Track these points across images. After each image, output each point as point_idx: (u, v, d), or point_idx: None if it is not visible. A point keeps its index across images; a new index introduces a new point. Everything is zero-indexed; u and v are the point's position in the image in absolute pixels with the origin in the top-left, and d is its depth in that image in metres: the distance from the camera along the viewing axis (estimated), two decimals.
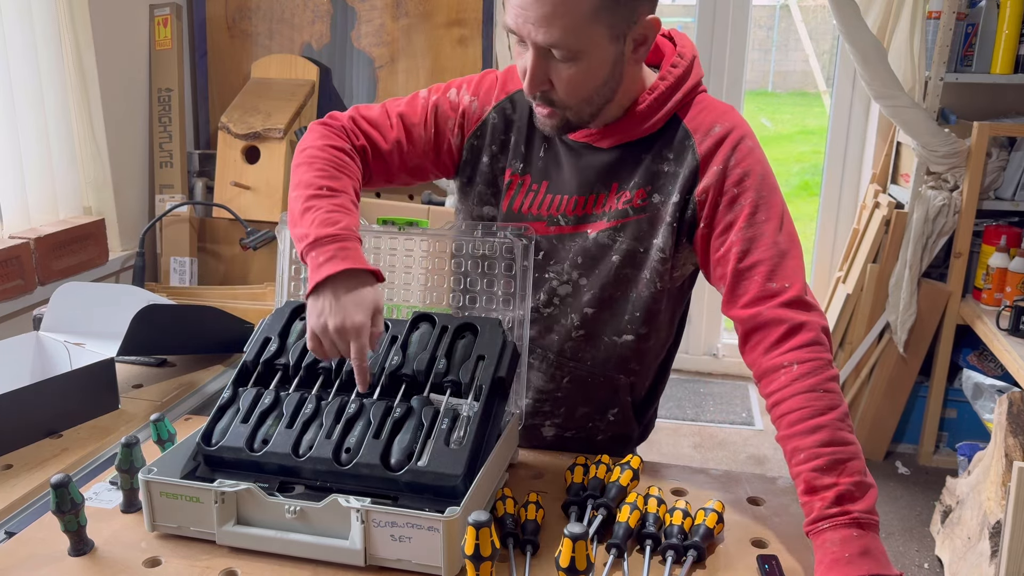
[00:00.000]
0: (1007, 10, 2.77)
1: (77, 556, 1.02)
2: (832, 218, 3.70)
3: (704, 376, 3.94)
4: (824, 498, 0.97)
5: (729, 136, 1.16)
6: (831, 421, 1.01)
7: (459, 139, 1.29)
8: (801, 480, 1.00)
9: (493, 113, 1.27)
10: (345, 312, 1.06)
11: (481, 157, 1.28)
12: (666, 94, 1.17)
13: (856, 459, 0.99)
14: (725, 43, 3.60)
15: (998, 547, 2.00)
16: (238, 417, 1.12)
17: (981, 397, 2.79)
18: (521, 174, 1.26)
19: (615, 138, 1.20)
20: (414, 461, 1.03)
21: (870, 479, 1.00)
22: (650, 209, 1.19)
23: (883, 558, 0.95)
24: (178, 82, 2.97)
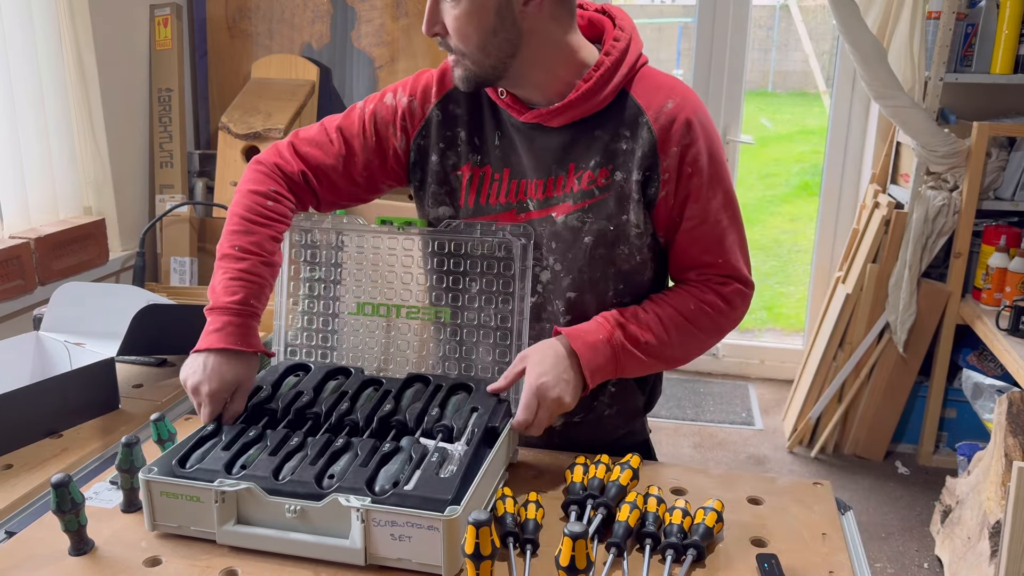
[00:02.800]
0: (1007, 10, 2.77)
1: (77, 556, 1.02)
2: (832, 218, 3.70)
3: (704, 376, 3.95)
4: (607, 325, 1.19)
5: (680, 115, 1.19)
6: (675, 317, 1.22)
7: (404, 142, 1.29)
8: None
9: (435, 110, 1.27)
10: (206, 378, 1.15)
11: (429, 156, 1.28)
12: (611, 69, 1.18)
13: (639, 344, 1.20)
14: (725, 43, 3.60)
15: (998, 547, 2.01)
16: (219, 445, 1.10)
17: (981, 397, 2.79)
18: (480, 166, 1.26)
19: (565, 116, 1.20)
20: (401, 486, 1.00)
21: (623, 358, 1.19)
22: (614, 188, 1.21)
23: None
24: (178, 82, 2.97)
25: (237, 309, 1.19)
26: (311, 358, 1.36)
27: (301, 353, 1.36)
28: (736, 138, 3.72)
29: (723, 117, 3.69)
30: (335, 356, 1.35)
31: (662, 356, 1.23)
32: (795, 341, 4.24)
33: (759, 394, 3.77)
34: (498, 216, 1.26)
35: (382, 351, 1.34)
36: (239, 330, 1.18)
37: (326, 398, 1.21)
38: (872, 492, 2.97)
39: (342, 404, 1.19)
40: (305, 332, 1.35)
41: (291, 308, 1.36)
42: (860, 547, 1.10)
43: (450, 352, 1.30)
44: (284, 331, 1.36)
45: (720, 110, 3.68)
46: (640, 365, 1.21)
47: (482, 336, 1.28)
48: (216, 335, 1.17)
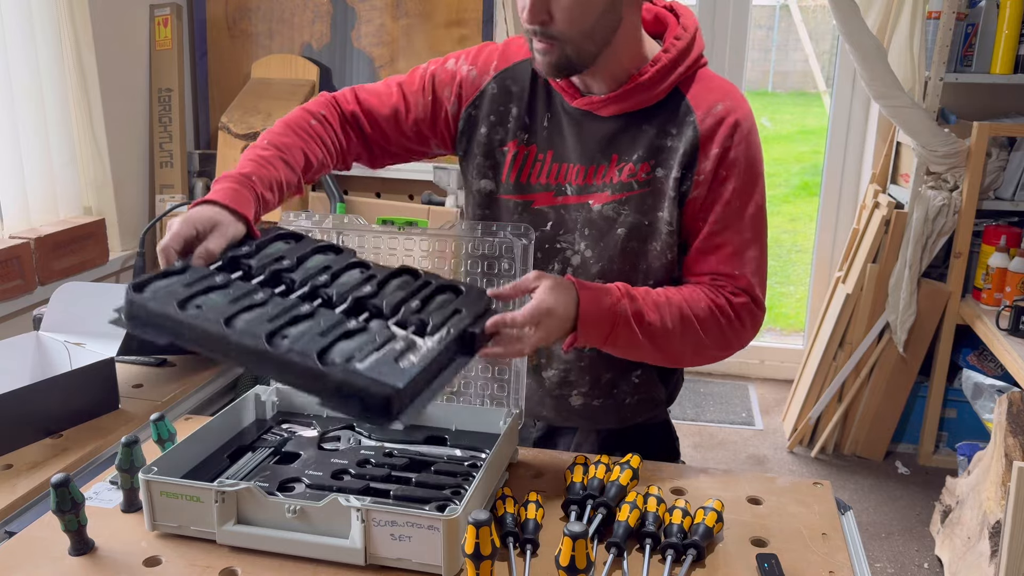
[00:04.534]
0: (1007, 10, 2.77)
1: (77, 556, 1.02)
2: (832, 218, 3.70)
3: (704, 376, 3.94)
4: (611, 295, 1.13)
5: (729, 117, 1.19)
6: (680, 314, 1.16)
7: (456, 108, 1.30)
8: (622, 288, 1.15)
9: (492, 83, 1.28)
10: (178, 220, 1.11)
11: (479, 127, 1.29)
12: (668, 66, 1.19)
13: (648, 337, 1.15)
14: (725, 43, 3.60)
15: (998, 547, 2.01)
16: (182, 280, 1.02)
17: (981, 397, 2.79)
18: (527, 144, 1.27)
19: (616, 107, 1.21)
20: (352, 362, 0.92)
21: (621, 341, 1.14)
22: (654, 183, 1.21)
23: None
24: (178, 82, 2.97)
25: (237, 178, 1.17)
26: None
27: None
28: None
29: None
30: None
31: (659, 343, 1.17)
32: (795, 341, 4.24)
33: (759, 394, 3.77)
34: (536, 196, 1.27)
35: None
36: (231, 193, 1.14)
37: (308, 267, 1.11)
38: (872, 492, 2.97)
39: (321, 276, 1.09)
40: None
41: None
42: (860, 547, 1.10)
43: None
44: None
45: None
46: (633, 344, 1.15)
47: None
48: (217, 192, 1.15)
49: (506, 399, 1.27)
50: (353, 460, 1.18)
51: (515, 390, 1.26)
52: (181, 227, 1.09)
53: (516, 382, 1.26)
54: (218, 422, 1.21)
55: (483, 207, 1.32)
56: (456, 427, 1.28)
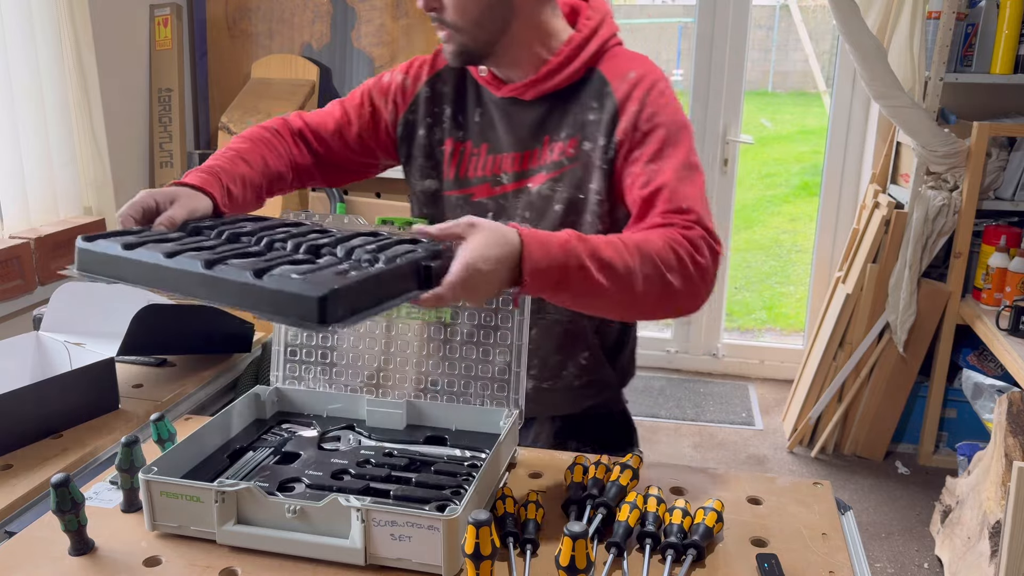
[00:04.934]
0: (1007, 10, 2.77)
1: (77, 556, 1.02)
2: (832, 218, 3.70)
3: (704, 376, 3.95)
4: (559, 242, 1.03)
5: (643, 80, 1.23)
6: (634, 251, 1.07)
7: (393, 116, 1.38)
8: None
9: (425, 87, 1.36)
10: (151, 192, 1.14)
11: (417, 131, 1.36)
12: (580, 43, 1.25)
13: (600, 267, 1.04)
14: (725, 43, 3.60)
15: (998, 547, 2.01)
16: (135, 233, 1.04)
17: (981, 397, 2.79)
18: (462, 141, 1.34)
19: (537, 90, 1.26)
20: (288, 276, 0.89)
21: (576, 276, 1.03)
22: (582, 157, 1.26)
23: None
24: (178, 82, 2.97)
25: (202, 168, 1.23)
26: (311, 358, 1.36)
27: (301, 353, 1.36)
28: (736, 138, 3.72)
29: (723, 117, 3.69)
30: (335, 356, 1.35)
31: (620, 284, 1.06)
32: (795, 341, 4.24)
33: (759, 394, 3.77)
34: (476, 189, 1.33)
35: (382, 351, 1.34)
36: (195, 177, 1.19)
37: (270, 231, 1.09)
38: (872, 492, 2.97)
39: (280, 234, 1.06)
40: (305, 332, 1.35)
41: None
42: (860, 547, 1.10)
43: (450, 352, 1.30)
44: (284, 331, 1.36)
45: (720, 110, 3.68)
46: (591, 288, 1.05)
47: (482, 336, 1.28)
48: (186, 178, 1.20)
49: (506, 399, 1.27)
50: (353, 460, 1.18)
51: (515, 390, 1.26)
52: (141, 197, 1.12)
53: (516, 382, 1.26)
54: (218, 422, 1.22)
55: (427, 206, 1.38)
56: (456, 427, 1.28)
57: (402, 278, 0.97)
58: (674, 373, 3.99)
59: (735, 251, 4.58)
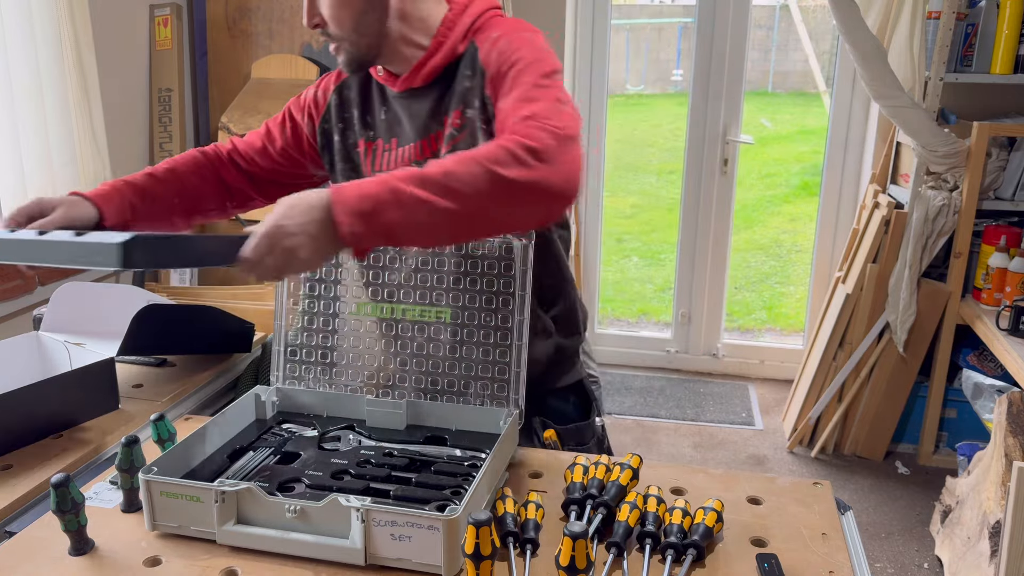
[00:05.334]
0: (1007, 10, 2.77)
1: (77, 556, 1.02)
2: (832, 218, 3.70)
3: (704, 376, 3.95)
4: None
5: (504, 34, 1.26)
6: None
7: (311, 127, 1.45)
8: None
9: (333, 96, 1.42)
10: (39, 198, 1.22)
11: (333, 138, 1.42)
12: (452, 19, 1.30)
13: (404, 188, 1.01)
14: (725, 43, 3.60)
15: (998, 547, 2.01)
16: None
17: (981, 397, 2.79)
18: (372, 140, 1.39)
19: (422, 75, 1.30)
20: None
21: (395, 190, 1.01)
22: (468, 124, 1.29)
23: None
24: (178, 82, 2.97)
25: (110, 182, 1.33)
26: (311, 358, 1.36)
27: (301, 353, 1.36)
28: (736, 138, 3.72)
29: (723, 117, 3.69)
30: (335, 356, 1.35)
31: (447, 191, 1.01)
32: (795, 341, 4.24)
33: (759, 394, 3.77)
34: None
35: (382, 351, 1.34)
36: (96, 189, 1.29)
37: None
38: (872, 492, 2.97)
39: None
40: (305, 332, 1.35)
41: (291, 308, 1.36)
42: (860, 547, 1.10)
43: (450, 352, 1.30)
44: (284, 331, 1.36)
45: (720, 110, 3.68)
46: (416, 205, 1.00)
47: (482, 336, 1.28)
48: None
49: (506, 399, 1.27)
50: (353, 460, 1.18)
51: (515, 390, 1.26)
52: (29, 202, 1.20)
53: (516, 382, 1.26)
54: (218, 422, 1.22)
55: None
56: (456, 427, 1.28)
57: (218, 245, 1.03)
58: (674, 373, 3.99)
59: (735, 251, 4.58)
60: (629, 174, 7.42)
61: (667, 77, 10.96)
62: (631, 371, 4.01)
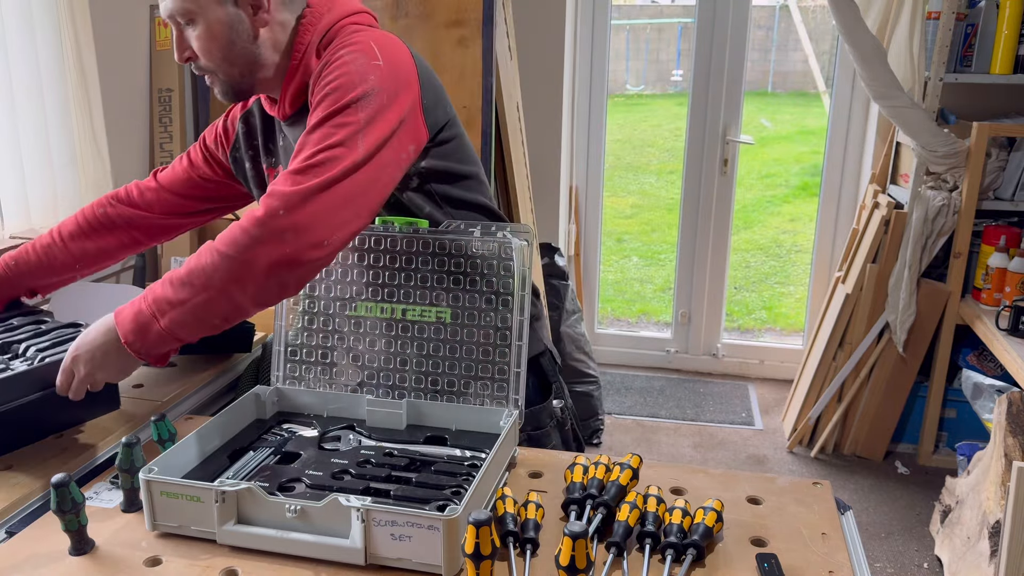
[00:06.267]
0: (1007, 10, 2.77)
1: (78, 555, 1.02)
2: (831, 218, 3.70)
3: (704, 376, 3.95)
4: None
5: (331, 51, 1.23)
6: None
7: (224, 154, 1.48)
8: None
9: (240, 125, 1.46)
10: None
11: (244, 165, 1.46)
12: (305, 44, 1.27)
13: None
14: (725, 43, 3.61)
15: (997, 547, 2.01)
16: None
17: (981, 397, 2.79)
18: (275, 167, 1.43)
19: (290, 101, 1.30)
20: None
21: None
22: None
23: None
24: (178, 82, 2.97)
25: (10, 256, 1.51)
26: (311, 358, 1.36)
27: (301, 353, 1.36)
28: (736, 138, 3.72)
29: (723, 117, 3.69)
30: (335, 356, 1.35)
31: (193, 282, 1.13)
32: (795, 341, 4.24)
33: (759, 394, 3.77)
34: None
35: (382, 351, 1.34)
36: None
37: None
38: (872, 492, 2.97)
39: None
40: (305, 332, 1.35)
41: (291, 308, 1.36)
42: (860, 547, 1.10)
43: (450, 352, 1.30)
44: (284, 331, 1.36)
45: (720, 110, 3.69)
46: (178, 301, 1.13)
47: (482, 336, 1.28)
48: None
49: (506, 399, 1.27)
50: (353, 460, 1.18)
51: (515, 390, 1.26)
52: None
53: (516, 382, 1.26)
54: (218, 422, 1.22)
55: None
56: (456, 427, 1.28)
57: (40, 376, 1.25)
58: (674, 373, 3.99)
59: (735, 251, 4.59)
60: (629, 174, 7.42)
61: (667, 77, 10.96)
62: (631, 371, 4.01)
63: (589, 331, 3.89)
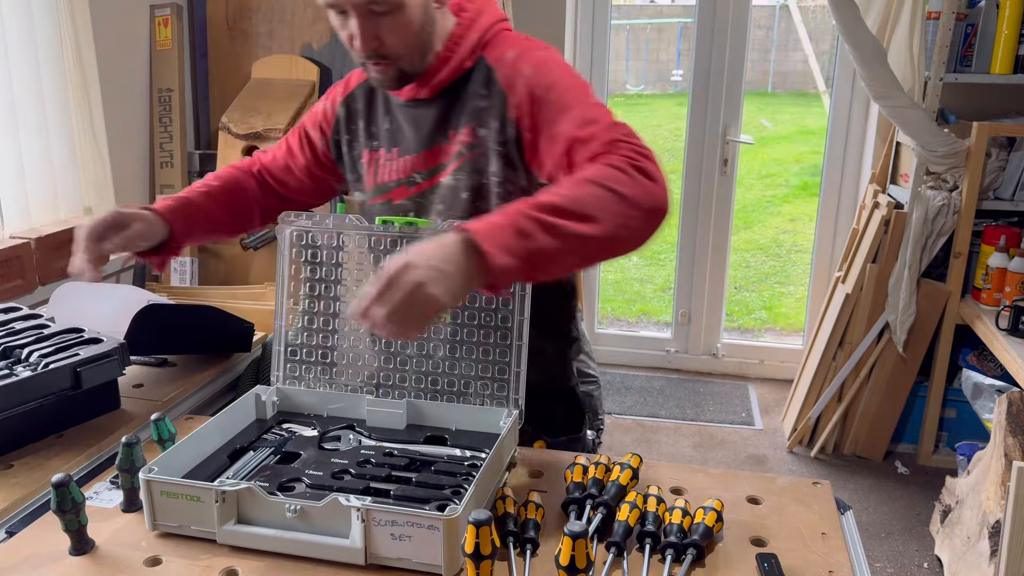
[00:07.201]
0: (1007, 10, 2.77)
1: (78, 555, 1.02)
2: (831, 218, 3.70)
3: (704, 376, 3.95)
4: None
5: (523, 55, 1.27)
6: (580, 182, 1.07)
7: (323, 141, 1.46)
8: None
9: (341, 108, 1.43)
10: (116, 213, 1.29)
11: (343, 149, 1.44)
12: (459, 34, 1.29)
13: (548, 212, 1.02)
14: (725, 43, 3.60)
15: (997, 547, 2.01)
16: None
17: (980, 397, 2.79)
18: (375, 150, 1.40)
19: (430, 86, 1.30)
20: None
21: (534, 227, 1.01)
22: (479, 143, 1.29)
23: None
24: (178, 82, 2.97)
25: (174, 197, 1.39)
26: (311, 358, 1.36)
27: (301, 353, 1.36)
28: (736, 138, 3.72)
29: (723, 117, 3.69)
30: (335, 356, 1.35)
31: (578, 216, 1.03)
32: (795, 341, 4.24)
33: (759, 394, 3.77)
34: (394, 193, 1.37)
35: (382, 351, 1.34)
36: (162, 203, 1.35)
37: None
38: (872, 492, 2.97)
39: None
40: (305, 332, 1.35)
41: (291, 308, 1.36)
42: (860, 547, 1.11)
43: (450, 352, 1.30)
44: (284, 331, 1.36)
45: (720, 110, 3.68)
46: (555, 234, 1.01)
47: (482, 336, 1.28)
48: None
49: (506, 399, 1.27)
50: (353, 460, 1.18)
51: (515, 390, 1.26)
52: (106, 214, 1.26)
53: (516, 382, 1.26)
54: (218, 422, 1.22)
55: (364, 217, 1.40)
56: (456, 427, 1.28)
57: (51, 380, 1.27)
58: (674, 373, 3.99)
59: (735, 251, 4.58)
60: None
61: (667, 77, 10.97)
62: (631, 371, 4.01)
63: (589, 331, 3.89)
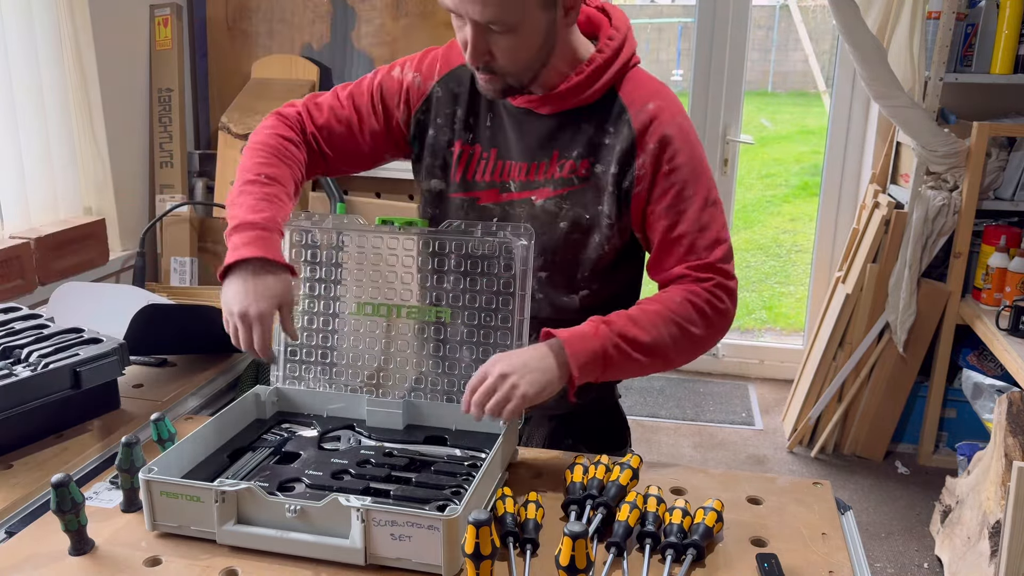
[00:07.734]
0: (1007, 10, 2.77)
1: (77, 555, 1.02)
2: (832, 218, 3.70)
3: (704, 376, 3.95)
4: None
5: (663, 114, 1.24)
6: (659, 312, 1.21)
7: (405, 115, 1.35)
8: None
9: (437, 87, 1.34)
10: (253, 299, 1.16)
11: (427, 131, 1.35)
12: (602, 66, 1.24)
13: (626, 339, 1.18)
14: (725, 43, 3.60)
15: (998, 547, 2.01)
16: None
17: (981, 397, 2.79)
18: (471, 144, 1.33)
19: (554, 106, 1.26)
20: None
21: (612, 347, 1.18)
22: (593, 179, 1.26)
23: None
24: (178, 82, 2.97)
25: (265, 224, 1.20)
26: (311, 358, 1.36)
27: (301, 353, 1.36)
28: (736, 138, 3.72)
29: (723, 117, 3.69)
30: (335, 356, 1.35)
31: (654, 352, 1.20)
32: (795, 341, 4.24)
33: (759, 394, 3.77)
34: (482, 193, 1.32)
35: (382, 351, 1.34)
36: (269, 243, 1.19)
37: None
38: (872, 492, 2.97)
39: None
40: (305, 332, 1.35)
41: None
42: (860, 547, 1.11)
43: (450, 352, 1.30)
44: None
45: (720, 110, 3.68)
46: (630, 362, 1.19)
47: (483, 336, 1.28)
48: (248, 247, 1.17)
49: None
50: (353, 460, 1.18)
51: None
52: (265, 321, 1.17)
53: None
54: (218, 422, 1.22)
55: (433, 206, 1.37)
56: (456, 427, 1.28)
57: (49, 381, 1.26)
58: (674, 373, 3.99)
59: (735, 251, 4.57)
60: None
61: (667, 77, 10.96)
62: None
63: None
